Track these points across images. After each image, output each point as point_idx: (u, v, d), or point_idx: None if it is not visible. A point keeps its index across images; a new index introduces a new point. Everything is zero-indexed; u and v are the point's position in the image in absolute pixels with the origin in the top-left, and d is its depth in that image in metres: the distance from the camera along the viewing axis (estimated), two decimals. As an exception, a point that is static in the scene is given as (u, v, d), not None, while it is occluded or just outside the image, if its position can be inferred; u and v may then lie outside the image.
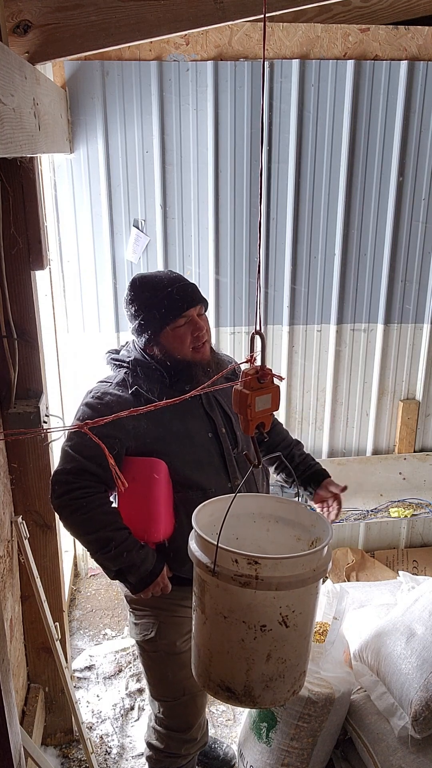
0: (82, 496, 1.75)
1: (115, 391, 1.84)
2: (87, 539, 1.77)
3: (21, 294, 2.05)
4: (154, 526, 1.82)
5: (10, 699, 1.27)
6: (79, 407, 1.85)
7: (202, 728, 2.11)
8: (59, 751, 2.53)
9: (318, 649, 2.20)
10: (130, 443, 1.80)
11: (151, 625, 1.95)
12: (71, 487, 1.76)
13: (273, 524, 1.66)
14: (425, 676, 2.05)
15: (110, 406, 1.79)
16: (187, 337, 1.83)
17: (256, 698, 1.45)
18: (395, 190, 3.12)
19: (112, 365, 1.95)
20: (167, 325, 1.82)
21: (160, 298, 1.81)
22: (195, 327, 1.83)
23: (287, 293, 3.22)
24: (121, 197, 3.00)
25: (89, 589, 3.43)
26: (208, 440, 1.88)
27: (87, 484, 1.76)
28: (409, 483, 3.53)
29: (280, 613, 1.38)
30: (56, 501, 1.78)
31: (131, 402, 1.80)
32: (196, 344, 1.84)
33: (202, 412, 1.90)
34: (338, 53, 2.94)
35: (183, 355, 1.84)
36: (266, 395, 1.39)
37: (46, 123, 1.93)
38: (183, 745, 2.07)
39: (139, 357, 1.89)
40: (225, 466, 1.89)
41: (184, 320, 1.82)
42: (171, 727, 2.05)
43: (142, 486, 1.79)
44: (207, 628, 1.46)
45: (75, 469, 1.76)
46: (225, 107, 2.92)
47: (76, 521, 1.77)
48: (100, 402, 1.81)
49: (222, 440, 1.89)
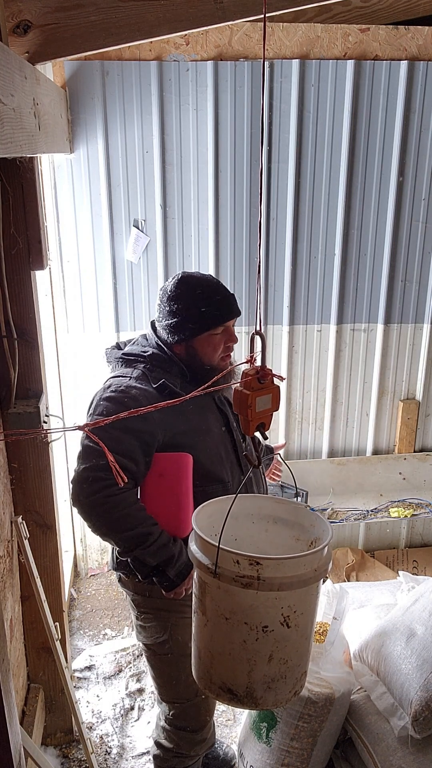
0: (117, 492, 1.71)
1: (139, 384, 1.81)
2: (125, 536, 1.73)
3: (21, 294, 2.05)
4: (182, 521, 1.81)
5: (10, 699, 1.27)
6: (99, 403, 1.79)
7: (211, 728, 2.12)
8: (59, 751, 2.53)
9: (318, 649, 2.20)
10: (160, 437, 1.79)
11: (162, 628, 1.94)
12: (104, 484, 1.70)
13: (272, 525, 1.66)
14: (425, 676, 2.05)
15: (137, 400, 1.75)
16: (220, 346, 1.86)
17: (258, 699, 1.45)
18: (395, 190, 3.12)
19: (118, 363, 1.92)
20: (206, 331, 1.83)
21: (205, 303, 1.82)
22: (229, 337, 1.87)
23: (287, 293, 3.22)
24: (121, 197, 3.00)
25: (89, 589, 3.43)
26: (222, 434, 1.91)
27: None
28: (409, 483, 3.53)
29: (282, 613, 1.37)
30: (88, 500, 1.72)
31: (156, 396, 1.78)
32: (225, 354, 1.88)
33: (215, 408, 1.93)
34: (338, 53, 2.93)
35: (210, 362, 1.86)
36: (266, 395, 1.39)
37: (46, 123, 1.92)
38: (193, 746, 2.07)
39: (158, 351, 1.87)
40: (238, 459, 1.93)
41: (221, 329, 1.85)
42: (183, 727, 2.05)
43: (170, 481, 1.79)
44: (208, 630, 1.46)
45: (105, 465, 1.68)
46: (225, 107, 2.92)
47: (113, 519, 1.72)
48: (126, 395, 1.77)
49: (234, 434, 1.93)
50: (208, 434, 1.87)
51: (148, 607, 1.95)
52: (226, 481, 1.88)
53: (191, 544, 1.47)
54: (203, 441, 1.85)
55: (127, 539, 1.74)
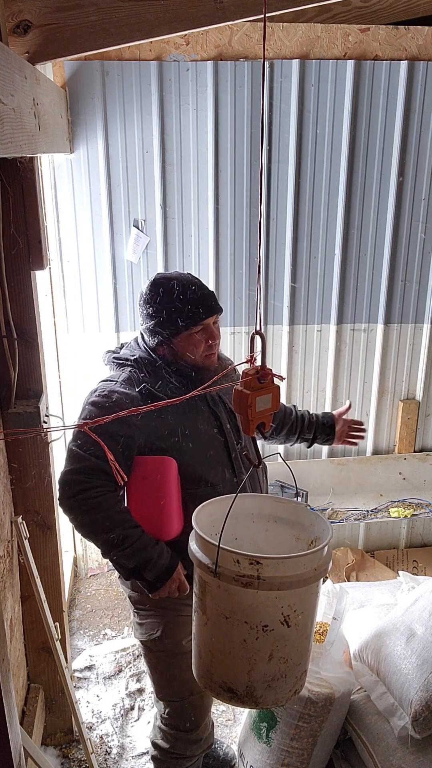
0: (95, 495, 1.73)
1: (121, 389, 1.83)
2: (102, 538, 1.75)
3: (21, 294, 2.05)
4: (166, 524, 1.82)
5: (10, 699, 1.27)
6: (84, 407, 1.84)
7: (208, 728, 2.11)
8: (59, 751, 2.53)
9: (318, 649, 2.20)
10: (140, 441, 1.79)
11: (157, 625, 1.95)
12: (84, 487, 1.74)
13: (272, 524, 1.66)
14: (425, 676, 2.05)
15: (119, 404, 1.77)
16: (201, 345, 1.84)
17: (258, 698, 1.45)
18: (395, 190, 3.12)
19: (112, 365, 1.95)
20: (184, 331, 1.82)
21: (180, 302, 1.81)
22: (210, 335, 1.85)
23: (287, 293, 3.22)
24: (121, 197, 3.00)
25: (89, 589, 3.43)
26: (213, 436, 1.90)
27: (99, 483, 1.74)
28: (409, 483, 3.53)
29: (282, 612, 1.38)
30: (68, 501, 1.76)
31: (138, 400, 1.80)
32: (208, 352, 1.86)
33: (206, 409, 1.91)
34: (338, 53, 2.93)
35: (193, 361, 1.85)
36: (266, 395, 1.39)
37: (46, 123, 1.92)
38: (189, 746, 2.07)
39: (144, 355, 1.89)
40: (230, 461, 1.91)
41: (201, 327, 1.83)
42: (178, 726, 2.05)
43: (153, 485, 1.79)
44: (208, 629, 1.46)
45: (86, 468, 1.74)
46: (225, 107, 2.92)
47: (91, 521, 1.75)
48: (108, 400, 1.80)
49: (227, 436, 1.91)
50: (195, 437, 1.86)
51: (143, 604, 1.96)
52: (216, 484, 1.86)
53: (191, 544, 1.47)
54: (190, 443, 1.84)
55: (105, 541, 1.75)
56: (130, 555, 1.74)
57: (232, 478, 1.89)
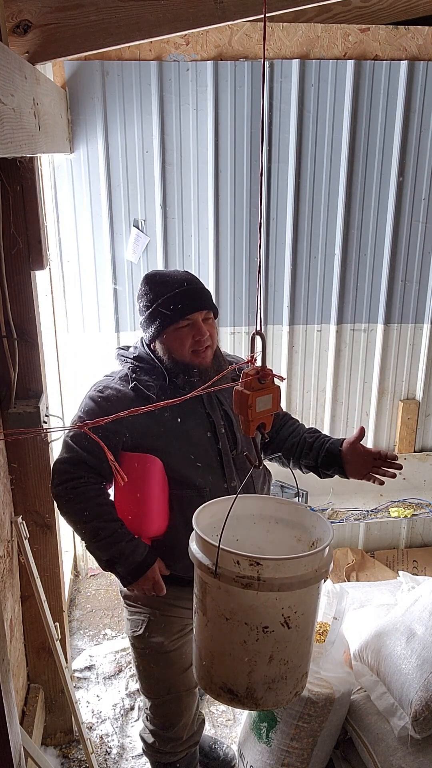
0: (78, 485, 1.79)
1: (116, 385, 1.87)
2: (81, 528, 1.81)
3: (21, 294, 2.05)
4: (147, 521, 1.84)
5: (10, 699, 1.26)
6: (83, 399, 1.89)
7: (189, 728, 2.10)
8: (59, 751, 2.53)
9: (318, 649, 2.20)
10: (127, 438, 1.81)
11: (141, 622, 1.97)
12: (68, 477, 1.80)
13: (273, 525, 1.66)
14: (425, 676, 2.05)
15: (110, 400, 1.82)
16: (188, 340, 1.83)
17: (258, 700, 1.45)
18: (395, 190, 3.12)
19: (119, 360, 1.99)
20: (171, 325, 1.82)
21: (168, 297, 1.82)
22: (197, 331, 1.83)
23: (287, 293, 3.22)
24: (121, 197, 3.00)
25: (89, 589, 3.43)
26: (206, 439, 1.88)
27: (83, 474, 1.79)
28: (409, 483, 3.53)
29: (283, 614, 1.37)
30: (54, 489, 1.84)
31: (130, 396, 1.82)
32: (196, 348, 1.84)
33: (202, 411, 1.90)
34: (338, 53, 2.93)
35: (181, 357, 1.85)
36: (267, 396, 1.39)
37: (46, 123, 1.92)
38: (168, 743, 2.08)
39: (143, 353, 1.91)
40: (222, 466, 1.89)
41: (187, 323, 1.83)
42: (156, 724, 2.08)
43: (135, 482, 1.81)
44: (208, 630, 1.46)
45: (73, 459, 1.80)
46: (225, 107, 2.92)
47: (72, 510, 1.81)
48: (100, 395, 1.85)
49: (220, 440, 1.89)
50: (185, 438, 1.85)
51: (130, 599, 1.98)
52: (201, 487, 1.84)
53: (192, 544, 1.47)
54: (178, 445, 1.84)
55: (83, 531, 1.81)
56: (103, 547, 1.78)
57: (221, 484, 1.87)
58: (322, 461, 1.96)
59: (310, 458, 1.98)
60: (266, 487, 2.04)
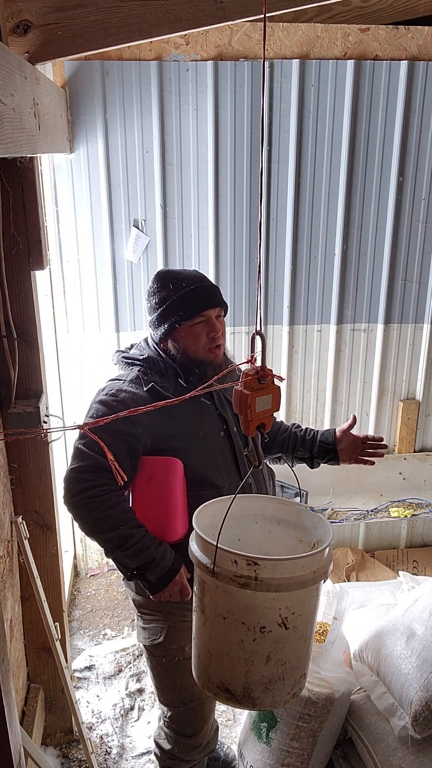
0: (99, 493, 1.72)
1: (129, 388, 1.83)
2: (105, 537, 1.74)
3: (21, 294, 2.05)
4: (170, 526, 1.80)
5: (10, 699, 1.26)
6: (92, 405, 1.83)
7: (209, 734, 2.10)
8: (59, 751, 2.53)
9: (318, 649, 2.20)
10: (146, 441, 1.79)
11: (160, 630, 1.93)
12: (88, 485, 1.73)
13: (275, 526, 1.66)
14: (425, 676, 2.05)
15: (125, 404, 1.76)
16: (203, 337, 1.83)
17: (255, 700, 1.45)
18: (395, 190, 3.12)
19: (121, 364, 1.95)
20: (184, 322, 1.82)
21: (181, 294, 1.82)
22: (211, 328, 1.83)
23: (287, 293, 3.22)
24: (121, 197, 3.00)
25: (89, 589, 3.43)
26: (220, 438, 1.89)
27: (104, 481, 1.73)
28: (409, 483, 3.53)
29: (280, 614, 1.37)
30: (72, 499, 1.75)
31: (146, 399, 1.79)
32: (211, 345, 1.84)
33: (214, 411, 1.91)
34: (338, 53, 2.93)
35: (196, 354, 1.84)
36: (267, 396, 1.39)
37: (46, 123, 1.92)
38: (189, 751, 2.07)
39: (153, 355, 1.89)
40: (237, 464, 1.90)
41: (201, 319, 1.83)
42: (179, 731, 2.05)
43: (158, 486, 1.79)
44: (207, 629, 1.46)
45: (91, 466, 1.73)
46: (225, 107, 2.92)
47: (94, 519, 1.74)
48: (115, 399, 1.79)
49: (233, 439, 1.90)
50: (202, 438, 1.85)
51: (147, 608, 1.95)
52: (221, 487, 1.85)
53: (192, 543, 1.47)
54: (196, 445, 1.84)
55: (108, 540, 1.74)
56: (132, 555, 1.72)
57: (237, 481, 1.87)
58: (317, 451, 2.07)
59: (304, 450, 2.09)
60: (272, 483, 2.05)
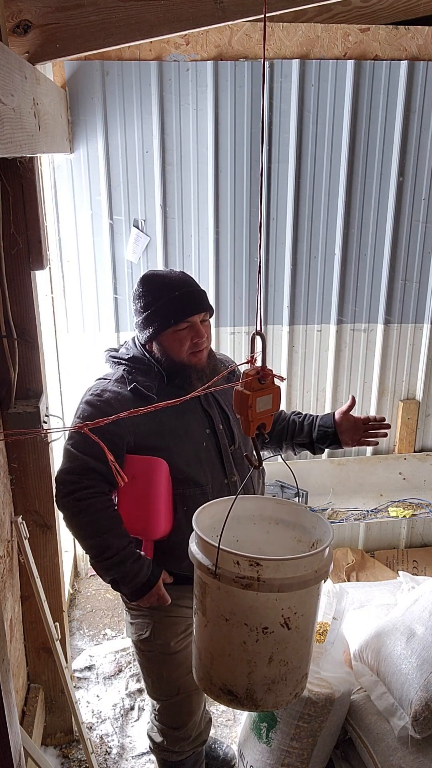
0: (86, 497, 1.75)
1: (113, 387, 1.85)
2: (87, 543, 1.78)
3: (21, 294, 2.05)
4: (153, 524, 1.83)
5: (10, 699, 1.26)
6: (79, 405, 1.86)
7: (198, 726, 2.11)
8: (59, 751, 2.53)
9: (318, 649, 2.20)
10: (130, 439, 1.80)
11: (146, 625, 1.96)
12: (76, 487, 1.75)
13: (273, 526, 1.66)
14: (425, 676, 2.05)
15: (110, 403, 1.80)
16: (187, 342, 1.84)
17: (258, 701, 1.45)
18: (395, 190, 3.12)
19: (110, 363, 1.96)
20: (169, 327, 1.82)
21: (167, 299, 1.82)
22: (196, 333, 1.84)
23: (287, 293, 3.22)
24: (121, 197, 3.00)
25: (89, 589, 3.43)
26: (205, 437, 1.89)
27: (91, 483, 1.75)
28: (409, 483, 3.53)
29: (282, 615, 1.37)
30: (61, 501, 1.79)
31: (130, 398, 1.81)
32: (194, 350, 1.85)
33: (199, 409, 1.91)
34: (338, 53, 2.93)
35: (180, 358, 1.85)
36: (267, 396, 1.39)
37: (46, 123, 1.92)
38: (178, 743, 2.09)
39: (138, 354, 1.90)
40: (222, 462, 1.90)
41: (186, 325, 1.83)
42: (167, 724, 2.08)
43: (142, 485, 1.80)
44: (208, 631, 1.46)
45: (79, 468, 1.76)
46: (225, 107, 2.92)
47: (79, 523, 1.77)
48: (99, 399, 1.82)
49: (219, 437, 1.90)
50: (185, 437, 1.86)
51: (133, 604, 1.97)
52: (204, 484, 1.85)
53: (192, 545, 1.47)
54: (179, 443, 1.84)
55: (89, 547, 1.78)
56: (108, 567, 1.76)
57: (222, 480, 1.89)
58: (317, 436, 2.03)
59: (303, 436, 2.06)
60: (262, 482, 2.06)
